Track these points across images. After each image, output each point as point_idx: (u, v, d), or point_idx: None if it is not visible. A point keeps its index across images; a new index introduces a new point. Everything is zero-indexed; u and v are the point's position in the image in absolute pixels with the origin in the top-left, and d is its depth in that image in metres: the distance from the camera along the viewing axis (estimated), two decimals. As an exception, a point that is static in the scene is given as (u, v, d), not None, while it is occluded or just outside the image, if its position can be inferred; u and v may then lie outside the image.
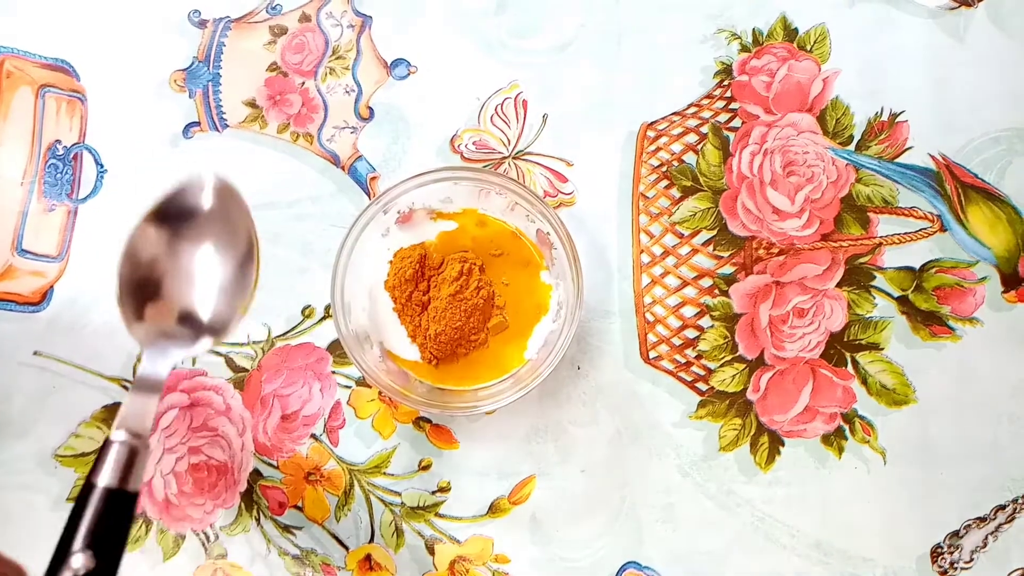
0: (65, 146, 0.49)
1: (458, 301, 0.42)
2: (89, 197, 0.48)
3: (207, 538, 0.45)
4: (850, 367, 0.44)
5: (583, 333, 0.45)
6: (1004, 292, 0.45)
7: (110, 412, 0.45)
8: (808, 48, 0.48)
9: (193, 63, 0.49)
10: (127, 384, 0.46)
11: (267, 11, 0.49)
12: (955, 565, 0.43)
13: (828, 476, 0.43)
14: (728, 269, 0.46)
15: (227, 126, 0.48)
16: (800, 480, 0.43)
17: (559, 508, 0.44)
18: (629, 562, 0.43)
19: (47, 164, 0.48)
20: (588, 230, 0.46)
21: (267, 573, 0.44)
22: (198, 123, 0.48)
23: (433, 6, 0.49)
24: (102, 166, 0.48)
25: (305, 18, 0.49)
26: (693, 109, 0.48)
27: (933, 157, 0.46)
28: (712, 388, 0.45)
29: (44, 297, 0.47)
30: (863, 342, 0.45)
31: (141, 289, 0.36)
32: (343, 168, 0.48)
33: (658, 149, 0.47)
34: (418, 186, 0.42)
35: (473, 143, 0.48)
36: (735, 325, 0.45)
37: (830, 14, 0.48)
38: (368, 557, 0.44)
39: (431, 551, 0.44)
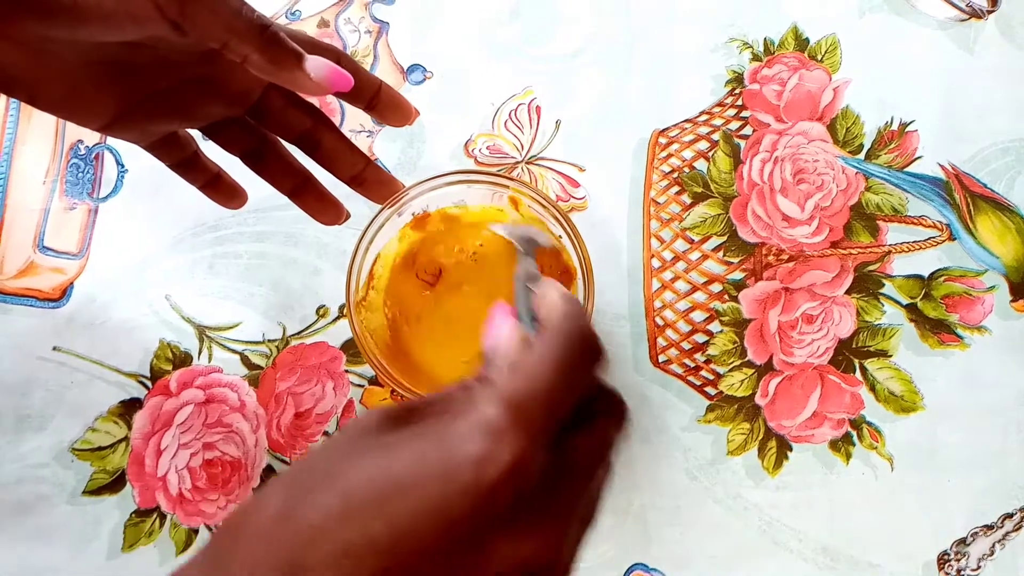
0: (87, 146, 0.50)
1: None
2: (110, 196, 0.49)
3: (219, 533, 0.45)
4: (858, 373, 0.45)
5: (593, 336, 0.46)
6: (1012, 301, 0.45)
7: (127, 407, 0.46)
8: (819, 58, 0.48)
9: (213, 66, 0.50)
10: (144, 380, 0.46)
11: (286, 16, 0.50)
12: (962, 573, 0.43)
13: (835, 482, 0.44)
14: (738, 275, 0.46)
15: (246, 128, 0.49)
16: (807, 485, 0.44)
17: (567, 509, 0.44)
18: (636, 564, 0.44)
19: (69, 163, 0.49)
20: (600, 234, 0.47)
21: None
22: (217, 125, 0.49)
23: (449, 13, 0.50)
24: (123, 166, 0.49)
25: (324, 23, 0.50)
26: (704, 117, 0.48)
27: (942, 167, 0.47)
28: (721, 392, 0.45)
29: (64, 293, 0.48)
30: (871, 349, 0.45)
31: None
32: (359, 171, 0.48)
33: (669, 156, 0.48)
34: (432, 189, 0.42)
35: (487, 148, 0.48)
36: (744, 330, 0.45)
37: (841, 24, 0.49)
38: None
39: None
